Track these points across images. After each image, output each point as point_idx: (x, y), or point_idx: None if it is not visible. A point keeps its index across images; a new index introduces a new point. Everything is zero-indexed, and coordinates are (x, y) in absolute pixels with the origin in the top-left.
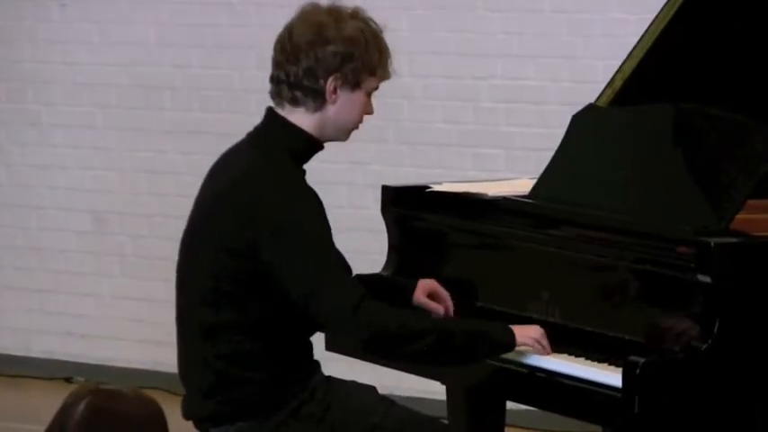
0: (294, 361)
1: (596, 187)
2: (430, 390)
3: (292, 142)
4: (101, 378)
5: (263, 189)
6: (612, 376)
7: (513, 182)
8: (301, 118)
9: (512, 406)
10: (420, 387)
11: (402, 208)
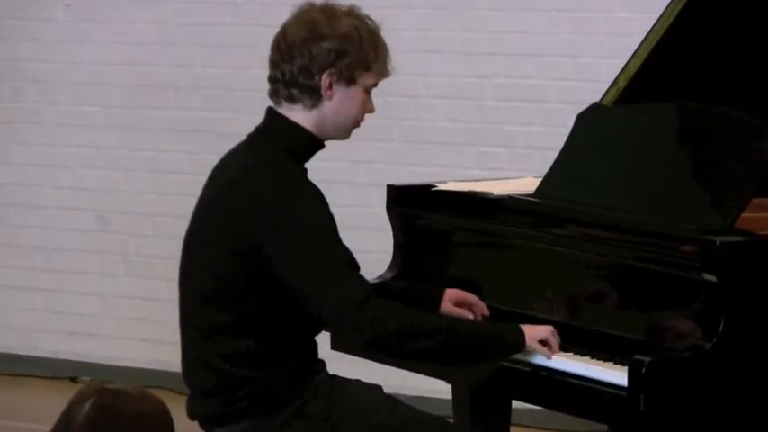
0: (298, 360)
1: (601, 186)
2: (435, 389)
3: (291, 140)
4: (106, 377)
5: (263, 187)
6: (618, 375)
7: (518, 180)
8: (299, 115)
9: (517, 405)
10: (425, 386)
11: (406, 207)
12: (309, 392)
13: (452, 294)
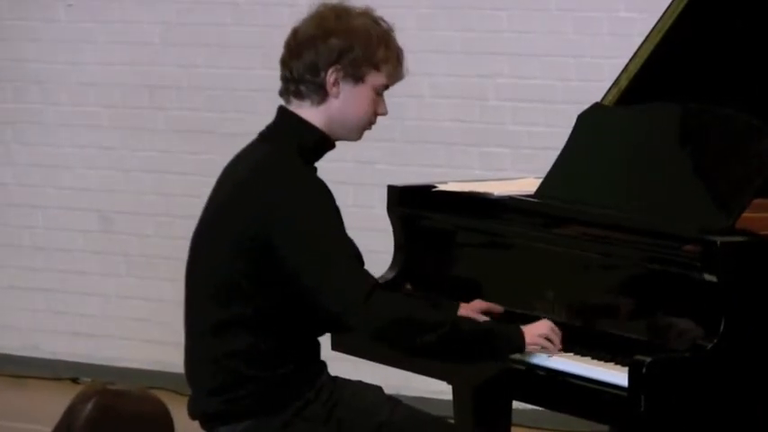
0: (302, 360)
1: (602, 186)
2: (436, 390)
3: (302, 137)
4: (107, 378)
5: (273, 184)
6: (618, 375)
7: (519, 181)
8: (308, 113)
9: (517, 405)
10: (426, 387)
11: (408, 207)
12: (311, 393)
13: (467, 307)
